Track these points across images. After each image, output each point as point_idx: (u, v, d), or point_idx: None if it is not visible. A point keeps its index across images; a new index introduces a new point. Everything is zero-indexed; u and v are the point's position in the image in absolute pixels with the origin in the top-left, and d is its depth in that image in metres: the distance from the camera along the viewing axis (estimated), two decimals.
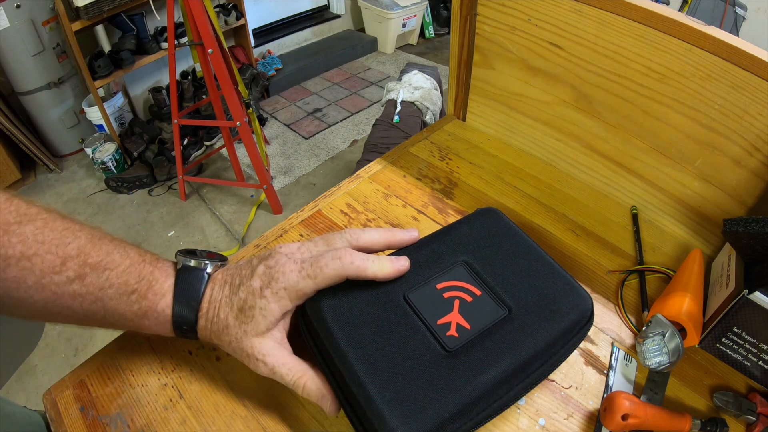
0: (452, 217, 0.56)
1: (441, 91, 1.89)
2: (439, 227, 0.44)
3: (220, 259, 0.38)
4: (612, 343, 0.44)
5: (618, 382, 0.41)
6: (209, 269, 0.36)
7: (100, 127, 2.18)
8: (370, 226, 0.55)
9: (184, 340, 0.44)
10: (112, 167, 2.09)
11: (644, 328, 0.41)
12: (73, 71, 2.10)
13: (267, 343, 0.33)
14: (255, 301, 0.33)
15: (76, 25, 1.80)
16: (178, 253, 0.36)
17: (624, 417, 0.35)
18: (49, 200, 2.08)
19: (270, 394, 0.40)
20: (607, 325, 0.46)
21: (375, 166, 0.64)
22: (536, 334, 0.34)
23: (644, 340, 0.40)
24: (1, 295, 0.29)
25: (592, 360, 0.43)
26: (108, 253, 0.32)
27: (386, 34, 3.15)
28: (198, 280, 0.35)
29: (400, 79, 1.89)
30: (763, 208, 0.47)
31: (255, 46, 2.74)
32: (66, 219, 0.32)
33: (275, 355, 0.33)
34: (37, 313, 0.31)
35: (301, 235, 0.54)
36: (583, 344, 0.44)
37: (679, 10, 1.00)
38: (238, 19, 2.44)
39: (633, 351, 0.44)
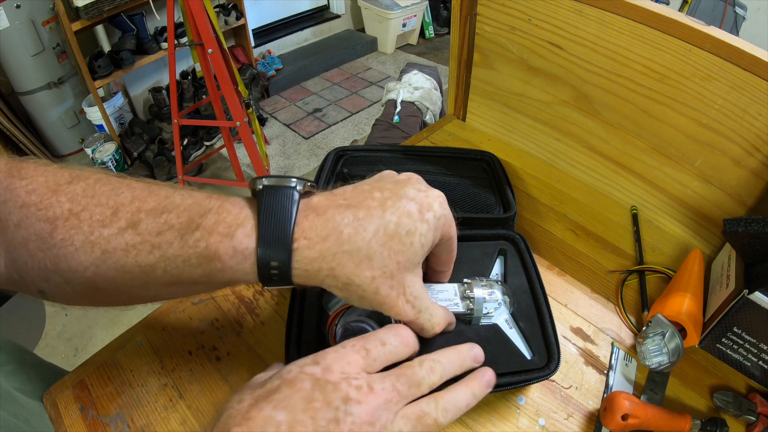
0: None
1: (441, 91, 1.89)
2: None
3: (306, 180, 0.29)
4: (612, 343, 0.44)
5: (618, 382, 0.41)
6: (299, 187, 0.27)
7: (100, 127, 2.18)
8: None
9: (184, 339, 0.44)
10: (112, 167, 2.09)
11: (644, 328, 0.41)
12: (73, 71, 2.10)
13: (417, 282, 0.28)
14: (415, 226, 0.27)
15: (76, 25, 1.80)
16: (253, 179, 0.28)
17: (624, 417, 0.35)
18: None
19: None
20: (607, 325, 0.46)
21: None
22: None
23: (644, 340, 0.40)
24: (50, 269, 0.26)
25: (592, 360, 0.43)
26: (167, 196, 0.27)
27: (386, 34, 3.15)
28: (288, 201, 0.26)
29: (400, 79, 1.89)
30: (763, 208, 0.47)
31: (255, 46, 2.74)
32: (124, 176, 0.28)
33: (424, 297, 0.29)
34: (88, 285, 0.27)
35: None
36: (583, 344, 0.44)
37: (679, 10, 1.00)
38: (238, 19, 2.44)
39: (633, 351, 0.44)
